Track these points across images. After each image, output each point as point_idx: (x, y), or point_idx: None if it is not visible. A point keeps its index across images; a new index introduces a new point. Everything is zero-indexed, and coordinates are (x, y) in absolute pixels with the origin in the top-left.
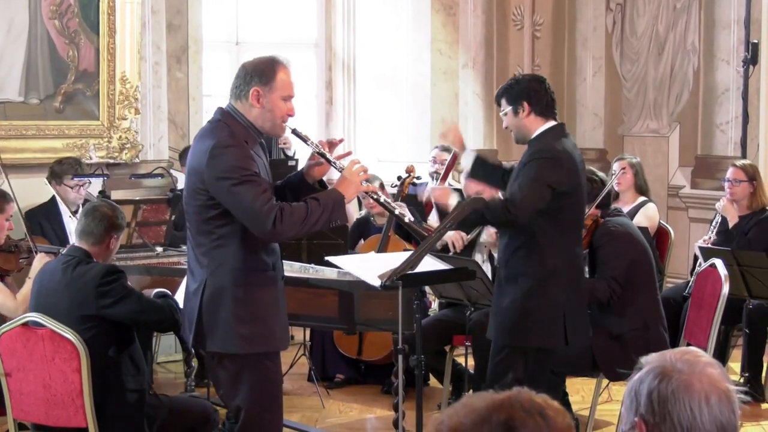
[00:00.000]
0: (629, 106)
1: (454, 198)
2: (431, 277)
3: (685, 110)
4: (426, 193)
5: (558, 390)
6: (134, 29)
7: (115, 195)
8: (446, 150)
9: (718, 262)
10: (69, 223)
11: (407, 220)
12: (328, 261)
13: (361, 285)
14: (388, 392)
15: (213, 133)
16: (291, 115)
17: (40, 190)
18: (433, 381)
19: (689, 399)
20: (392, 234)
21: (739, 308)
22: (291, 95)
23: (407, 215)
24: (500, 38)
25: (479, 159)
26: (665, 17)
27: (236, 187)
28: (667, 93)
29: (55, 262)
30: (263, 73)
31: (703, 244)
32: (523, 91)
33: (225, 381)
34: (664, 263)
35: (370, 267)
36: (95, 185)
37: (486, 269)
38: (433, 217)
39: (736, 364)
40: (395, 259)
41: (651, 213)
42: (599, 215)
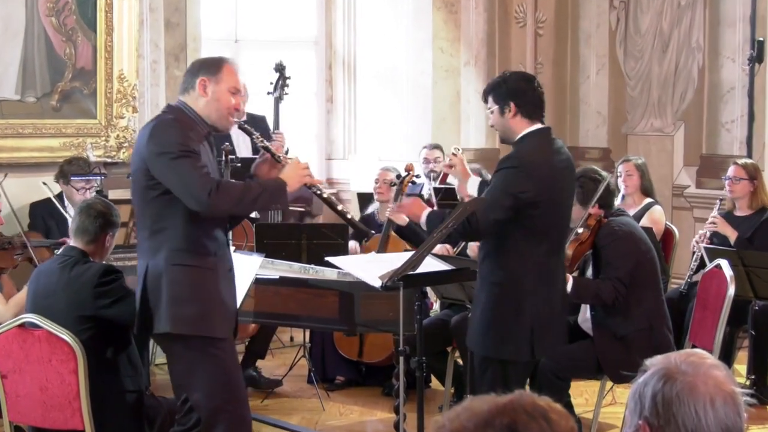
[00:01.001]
0: (633, 104)
1: (425, 211)
2: (432, 278)
3: (690, 109)
4: (391, 211)
5: (562, 393)
6: (132, 27)
7: (113, 194)
8: (436, 148)
9: (724, 263)
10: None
11: (349, 217)
12: (328, 261)
13: (362, 286)
14: (389, 394)
15: (157, 118)
16: (237, 109)
17: (37, 190)
18: (435, 382)
19: (694, 402)
20: (392, 234)
21: (745, 309)
22: (237, 89)
23: (349, 213)
24: (502, 36)
25: (484, 183)
26: (669, 14)
27: (175, 160)
28: (672, 91)
29: (51, 262)
30: (210, 65)
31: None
32: (511, 91)
33: (173, 373)
34: (669, 264)
35: (371, 267)
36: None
37: None
38: None
39: (742, 366)
40: (396, 260)
41: (657, 216)
42: (602, 215)
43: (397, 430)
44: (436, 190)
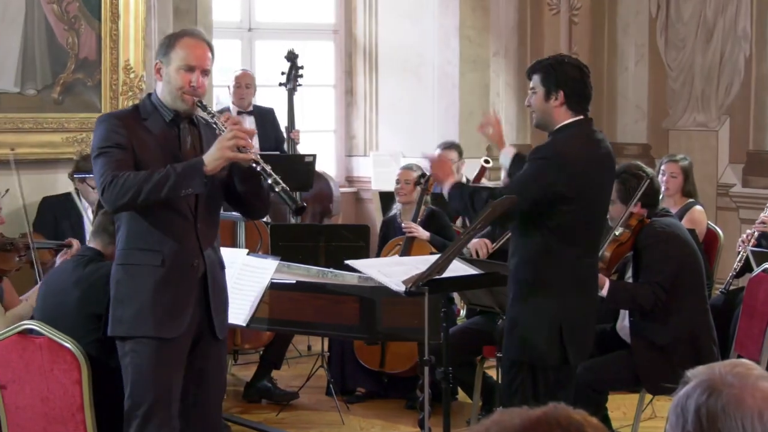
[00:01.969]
0: (675, 97)
1: (451, 180)
2: (460, 283)
3: (736, 102)
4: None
5: (599, 406)
6: (139, 14)
7: None
8: (451, 147)
9: None
10: (88, 223)
11: (279, 189)
12: (348, 265)
13: (384, 291)
14: (413, 407)
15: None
16: (194, 86)
17: (38, 188)
18: (462, 395)
19: (741, 415)
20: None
21: None
22: (190, 65)
23: (282, 184)
24: (534, 24)
25: (518, 157)
26: (714, 1)
27: (95, 160)
28: (716, 83)
29: (67, 262)
30: (163, 45)
31: (748, 246)
32: (564, 78)
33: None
34: (712, 268)
35: (394, 271)
36: None
37: None
38: (460, 218)
39: None
40: (420, 263)
41: (697, 217)
42: (645, 215)
43: None
44: None
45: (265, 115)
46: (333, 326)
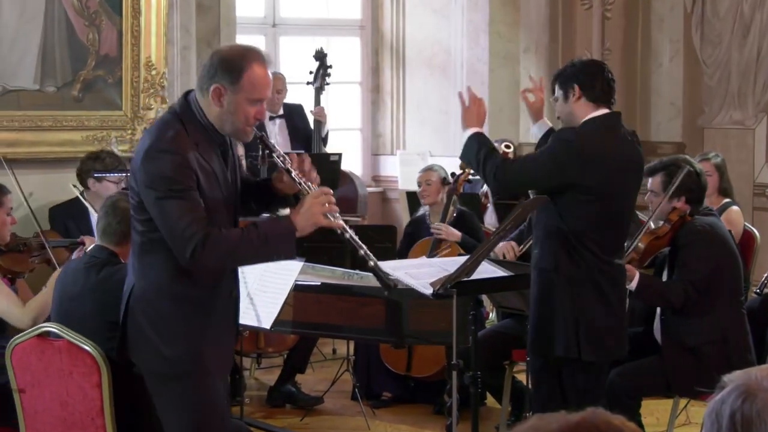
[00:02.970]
0: (710, 94)
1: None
2: (489, 285)
3: None
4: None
5: (632, 413)
6: (161, 10)
7: None
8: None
9: None
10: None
11: (372, 264)
12: None
13: (411, 293)
14: (440, 412)
15: (158, 130)
16: (259, 119)
17: (56, 187)
18: (490, 400)
19: None
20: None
21: None
22: (262, 98)
23: (374, 260)
24: (566, 19)
25: (552, 131)
26: None
27: (161, 201)
28: (753, 80)
29: (78, 262)
30: (230, 69)
31: None
32: (577, 73)
33: (158, 407)
34: (749, 270)
35: (421, 273)
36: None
37: None
38: (488, 218)
39: None
40: (449, 265)
41: (734, 217)
42: (687, 212)
43: None
44: None
45: (294, 111)
46: (359, 329)
